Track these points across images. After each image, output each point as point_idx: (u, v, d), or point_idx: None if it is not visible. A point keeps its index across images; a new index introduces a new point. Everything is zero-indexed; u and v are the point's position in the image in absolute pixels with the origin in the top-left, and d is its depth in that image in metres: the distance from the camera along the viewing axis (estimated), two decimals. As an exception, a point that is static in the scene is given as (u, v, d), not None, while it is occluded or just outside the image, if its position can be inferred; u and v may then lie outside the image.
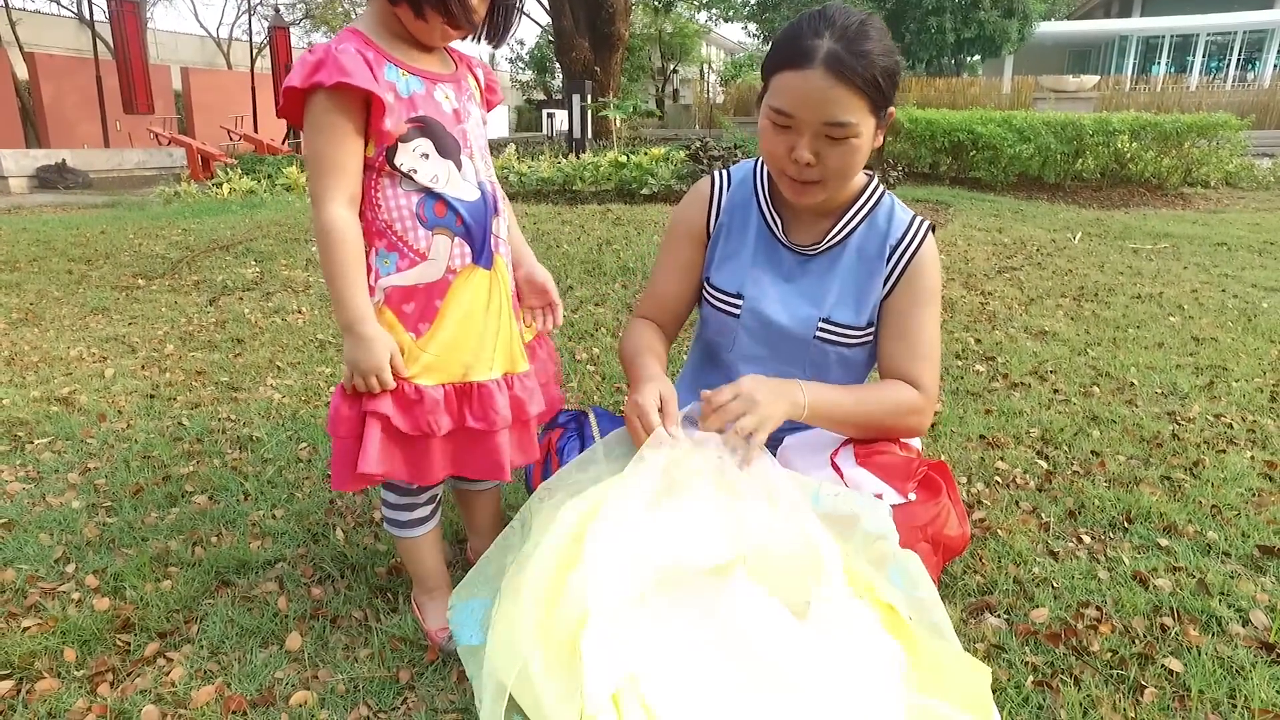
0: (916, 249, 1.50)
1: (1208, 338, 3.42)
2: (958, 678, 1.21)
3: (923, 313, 1.50)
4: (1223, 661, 1.43)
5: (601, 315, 3.57)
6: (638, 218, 5.54)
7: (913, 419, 1.49)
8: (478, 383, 1.33)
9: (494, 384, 1.35)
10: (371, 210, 1.28)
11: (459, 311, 1.31)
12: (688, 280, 1.64)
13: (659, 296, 1.66)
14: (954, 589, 1.64)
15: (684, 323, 1.71)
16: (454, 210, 1.28)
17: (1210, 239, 5.86)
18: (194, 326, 3.57)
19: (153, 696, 1.34)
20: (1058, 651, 1.46)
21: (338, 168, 1.22)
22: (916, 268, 1.49)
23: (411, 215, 1.27)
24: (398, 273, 1.28)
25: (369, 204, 1.28)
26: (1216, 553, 1.80)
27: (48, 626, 1.52)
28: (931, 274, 1.50)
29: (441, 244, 1.29)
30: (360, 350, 1.23)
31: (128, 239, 5.45)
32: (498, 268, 1.36)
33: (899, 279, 1.50)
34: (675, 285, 1.64)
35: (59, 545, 1.81)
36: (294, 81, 1.18)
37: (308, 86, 1.18)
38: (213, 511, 1.96)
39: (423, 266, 1.29)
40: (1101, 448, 2.34)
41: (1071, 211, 7.22)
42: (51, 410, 2.59)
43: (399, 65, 1.25)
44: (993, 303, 3.99)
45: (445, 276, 1.30)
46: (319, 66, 1.17)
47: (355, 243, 1.24)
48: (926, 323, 1.50)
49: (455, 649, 1.40)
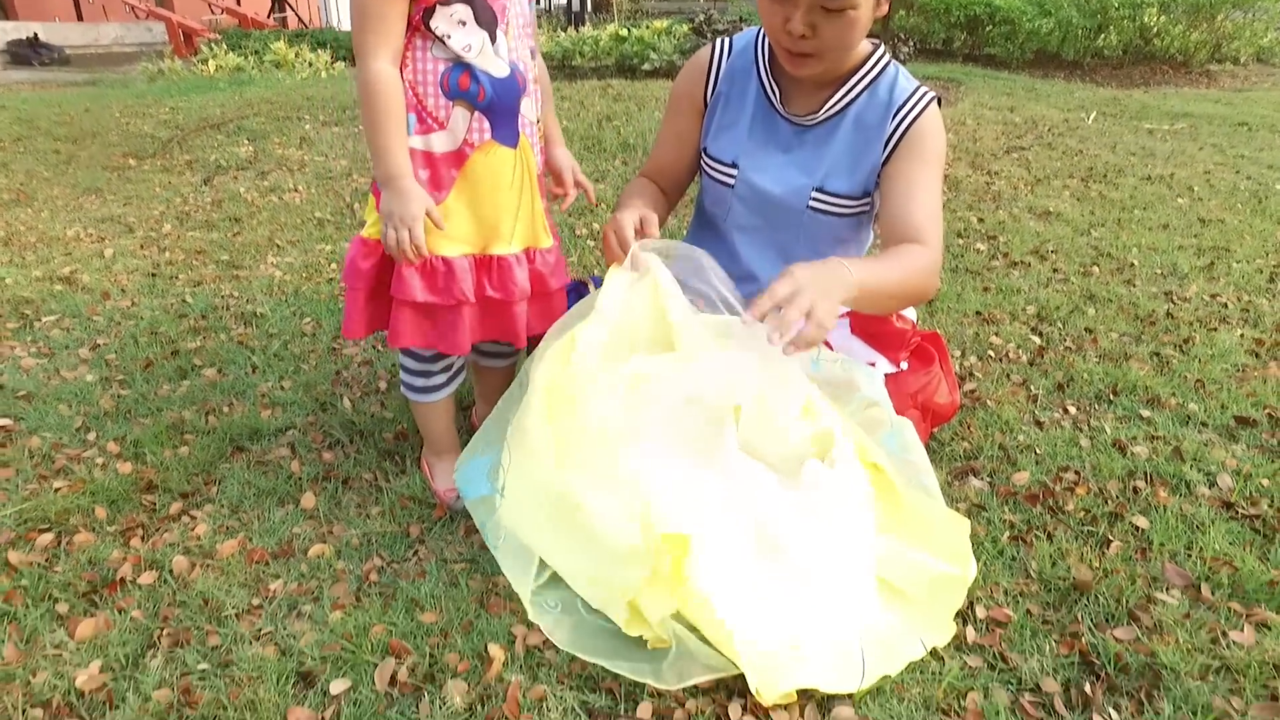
0: (919, 115, 1.46)
1: (1214, 220, 3.39)
2: (939, 531, 1.29)
3: (924, 173, 1.45)
4: (1185, 518, 1.51)
5: (602, 191, 3.53)
6: (638, 94, 5.37)
7: (931, 281, 1.40)
8: (497, 255, 1.38)
9: (514, 258, 1.39)
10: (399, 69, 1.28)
11: (476, 185, 1.33)
12: (684, 150, 1.64)
13: (658, 164, 1.67)
14: (941, 454, 1.71)
15: (684, 190, 1.71)
16: (478, 82, 1.28)
17: (1231, 119, 5.69)
18: (190, 206, 3.54)
19: (181, 549, 1.43)
20: (1034, 511, 1.54)
21: (383, 23, 1.22)
22: (918, 132, 1.46)
23: (435, 82, 1.27)
24: (414, 135, 1.29)
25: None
26: (1195, 423, 1.86)
27: (77, 487, 1.60)
28: (934, 139, 1.47)
29: (460, 116, 1.29)
30: (398, 202, 1.25)
31: (114, 118, 5.31)
32: (522, 147, 1.37)
33: (899, 142, 1.47)
34: (673, 154, 1.64)
35: (78, 415, 1.87)
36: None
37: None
38: (222, 383, 2.02)
39: (439, 135, 1.30)
40: (1095, 325, 2.37)
41: (1088, 90, 6.97)
42: (55, 289, 2.61)
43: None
44: (998, 183, 3.93)
45: (462, 149, 1.31)
46: None
47: (397, 97, 1.25)
48: (929, 183, 1.45)
49: (462, 507, 1.48)
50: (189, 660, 1.19)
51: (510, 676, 1.15)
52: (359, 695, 1.13)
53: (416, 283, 1.32)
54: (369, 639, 1.21)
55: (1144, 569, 1.38)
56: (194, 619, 1.27)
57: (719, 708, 1.10)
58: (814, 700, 1.11)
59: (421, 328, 1.38)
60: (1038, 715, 1.10)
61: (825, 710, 1.10)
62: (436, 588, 1.33)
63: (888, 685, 1.13)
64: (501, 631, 1.23)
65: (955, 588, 1.26)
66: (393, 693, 1.14)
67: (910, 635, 1.20)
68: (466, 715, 1.10)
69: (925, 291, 1.42)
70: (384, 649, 1.20)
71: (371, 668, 1.17)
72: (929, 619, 1.23)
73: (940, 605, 1.24)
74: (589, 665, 1.17)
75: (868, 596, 1.23)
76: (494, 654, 1.18)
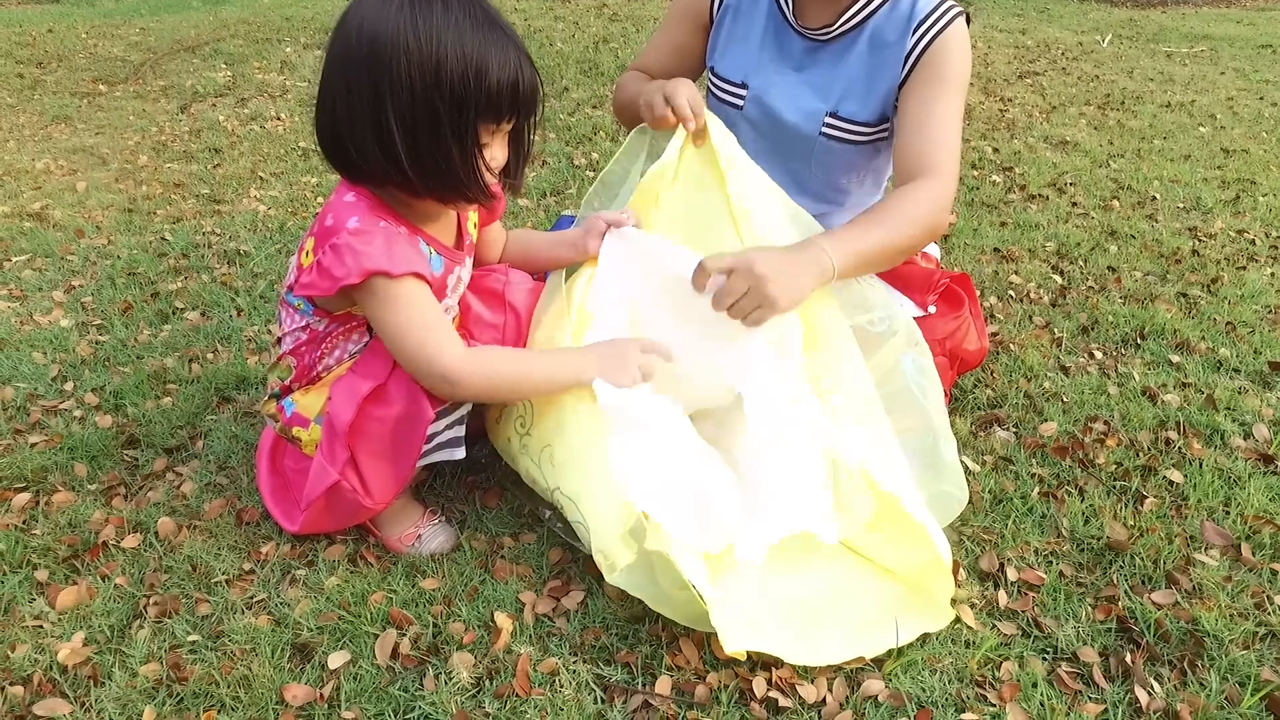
0: (941, 30, 1.33)
1: (1238, 150, 3.25)
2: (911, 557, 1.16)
3: (943, 97, 1.32)
4: (1221, 472, 1.45)
5: (600, 118, 3.36)
6: (636, 13, 5.10)
7: (937, 219, 1.30)
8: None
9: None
10: (313, 353, 1.19)
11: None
12: (682, 63, 1.55)
13: (650, 67, 1.57)
14: (964, 402, 1.63)
15: None
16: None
17: (1254, 40, 5.46)
18: (166, 136, 3.36)
19: (166, 509, 1.35)
20: (1064, 464, 1.47)
21: (440, 325, 1.11)
22: (940, 50, 1.32)
23: (348, 355, 1.20)
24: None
25: (319, 347, 1.19)
26: (1227, 369, 1.78)
27: (54, 442, 1.51)
28: (958, 60, 1.33)
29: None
30: (610, 365, 1.15)
31: (80, 39, 5.02)
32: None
33: (918, 60, 1.33)
34: (669, 66, 1.54)
35: (54, 364, 1.77)
36: (351, 277, 1.04)
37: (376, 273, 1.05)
38: (206, 328, 1.91)
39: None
40: (1118, 263, 2.27)
41: (1102, 11, 6.68)
42: (25, 226, 2.47)
43: (426, 240, 1.15)
44: (1012, 110, 3.76)
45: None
46: (378, 252, 1.05)
47: (506, 357, 1.18)
48: (947, 109, 1.32)
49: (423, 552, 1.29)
50: (178, 631, 1.12)
51: (519, 648, 1.09)
52: (359, 669, 1.07)
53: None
54: (368, 608, 1.15)
55: (1181, 527, 1.31)
56: (182, 585, 1.20)
57: (742, 681, 1.04)
58: (843, 674, 1.05)
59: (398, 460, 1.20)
60: (1076, 687, 1.05)
61: (855, 684, 1.05)
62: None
63: (919, 657, 1.07)
64: (509, 598, 1.17)
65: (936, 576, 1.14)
66: (395, 666, 1.08)
67: (909, 613, 1.11)
68: (474, 691, 1.04)
69: (932, 233, 1.32)
70: (384, 619, 1.14)
71: (372, 639, 1.10)
72: (922, 599, 1.14)
73: (929, 593, 1.14)
74: (603, 635, 1.11)
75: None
76: (501, 623, 1.12)
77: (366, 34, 1.00)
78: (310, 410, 1.19)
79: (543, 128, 1.23)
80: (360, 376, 1.15)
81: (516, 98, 1.05)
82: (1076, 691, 1.05)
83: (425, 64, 0.99)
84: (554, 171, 2.86)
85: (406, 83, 0.99)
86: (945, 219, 1.33)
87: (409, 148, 1.03)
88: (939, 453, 1.22)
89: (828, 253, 1.19)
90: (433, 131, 1.02)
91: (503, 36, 1.03)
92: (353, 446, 1.14)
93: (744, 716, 1.01)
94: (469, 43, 1.00)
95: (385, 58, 0.99)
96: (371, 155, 1.04)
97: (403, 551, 1.27)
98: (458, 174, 1.06)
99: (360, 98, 1.02)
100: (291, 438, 1.22)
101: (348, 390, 1.14)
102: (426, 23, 0.99)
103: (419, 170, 1.05)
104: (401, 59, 0.99)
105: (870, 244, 1.24)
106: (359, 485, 1.16)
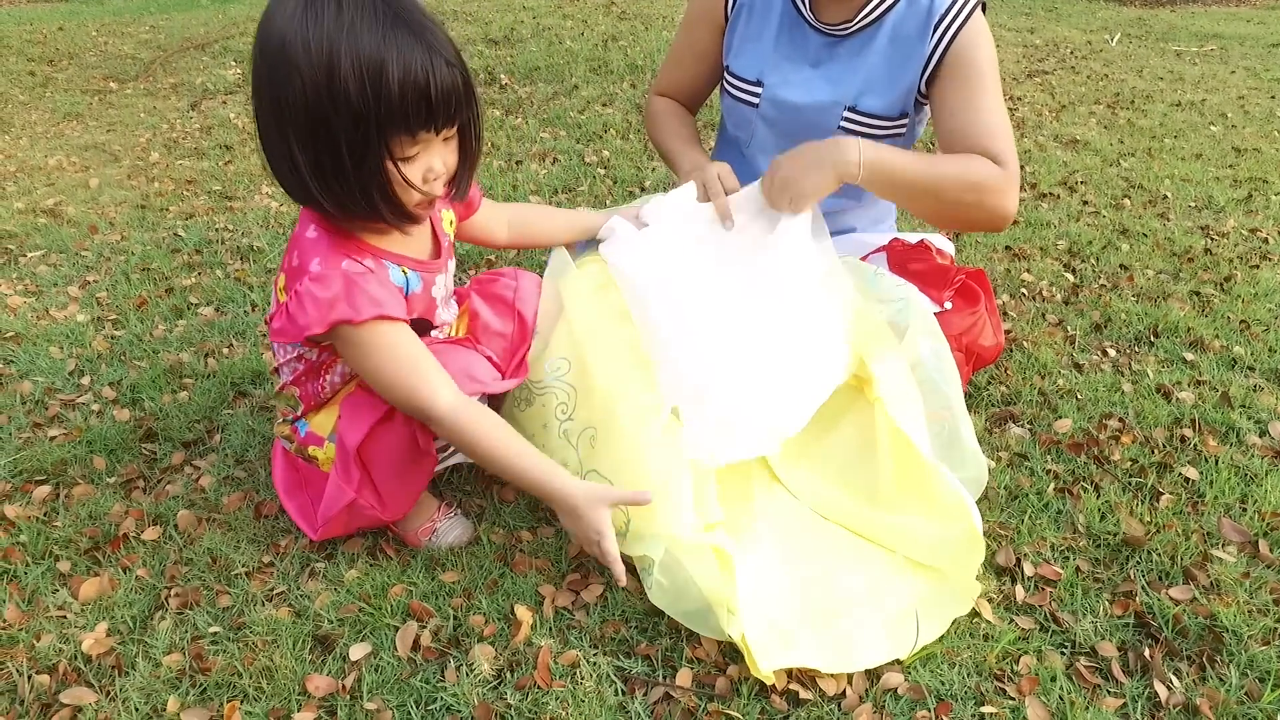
0: (962, 26, 1.33)
1: (1250, 148, 3.24)
2: (941, 500, 1.18)
3: (981, 88, 1.32)
4: (1238, 469, 1.45)
5: (610, 116, 3.36)
6: (645, 11, 5.09)
7: (993, 199, 1.27)
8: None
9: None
10: (315, 381, 1.18)
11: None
12: (702, 68, 1.56)
13: (674, 82, 1.59)
14: (979, 399, 1.64)
15: (704, 101, 1.66)
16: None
17: (1265, 39, 5.45)
18: (177, 133, 3.37)
19: (185, 502, 1.36)
20: (1079, 460, 1.47)
21: (423, 367, 1.05)
22: (965, 46, 1.32)
23: (343, 381, 1.19)
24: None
25: (318, 374, 1.18)
26: (1241, 367, 1.78)
27: (73, 436, 1.51)
28: (985, 49, 1.33)
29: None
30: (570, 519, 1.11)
31: (90, 37, 5.04)
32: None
33: (942, 57, 1.34)
34: (691, 71, 1.56)
35: (70, 358, 1.78)
36: (314, 327, 1.00)
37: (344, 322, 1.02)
38: (220, 323, 1.92)
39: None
40: (1130, 261, 2.27)
41: (1111, 10, 6.67)
42: (39, 222, 2.48)
43: (396, 261, 1.09)
44: (1021, 108, 3.75)
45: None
46: (339, 299, 1.00)
47: (490, 420, 1.09)
48: (989, 99, 1.32)
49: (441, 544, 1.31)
50: (199, 622, 1.13)
51: (540, 640, 1.09)
52: (380, 661, 1.07)
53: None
54: (388, 600, 1.15)
55: (1197, 524, 1.31)
56: (202, 578, 1.21)
57: (761, 674, 1.05)
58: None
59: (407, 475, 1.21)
60: (1095, 681, 1.05)
61: (874, 676, 1.05)
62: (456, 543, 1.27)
63: (938, 650, 1.08)
64: (528, 591, 1.17)
65: (970, 550, 1.15)
66: (416, 658, 1.08)
67: (937, 607, 1.12)
68: (495, 683, 1.05)
69: (988, 211, 1.29)
70: (404, 611, 1.14)
71: (392, 631, 1.11)
72: (950, 589, 1.15)
73: (960, 570, 1.15)
74: (622, 628, 1.12)
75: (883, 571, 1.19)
76: (521, 616, 1.12)
77: (267, 45, 0.90)
78: (323, 429, 1.19)
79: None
80: (368, 393, 1.12)
81: (427, 103, 0.91)
82: (1095, 685, 1.05)
83: (317, 75, 0.87)
84: (564, 169, 2.86)
85: (300, 99, 0.88)
86: (1003, 201, 1.29)
87: (313, 170, 0.93)
88: (960, 437, 1.25)
89: (859, 146, 1.24)
90: (332, 151, 0.91)
91: (408, 35, 0.89)
92: (366, 465, 1.13)
93: (764, 709, 1.01)
94: (364, 46, 0.87)
95: (280, 71, 0.89)
96: (285, 179, 0.96)
97: (420, 545, 1.27)
98: (369, 195, 0.95)
99: (266, 117, 0.93)
100: (308, 457, 1.22)
101: (356, 409, 1.12)
102: (318, 28, 0.87)
103: (330, 194, 0.95)
104: (294, 72, 0.88)
105: (906, 166, 1.26)
106: (375, 502, 1.15)
